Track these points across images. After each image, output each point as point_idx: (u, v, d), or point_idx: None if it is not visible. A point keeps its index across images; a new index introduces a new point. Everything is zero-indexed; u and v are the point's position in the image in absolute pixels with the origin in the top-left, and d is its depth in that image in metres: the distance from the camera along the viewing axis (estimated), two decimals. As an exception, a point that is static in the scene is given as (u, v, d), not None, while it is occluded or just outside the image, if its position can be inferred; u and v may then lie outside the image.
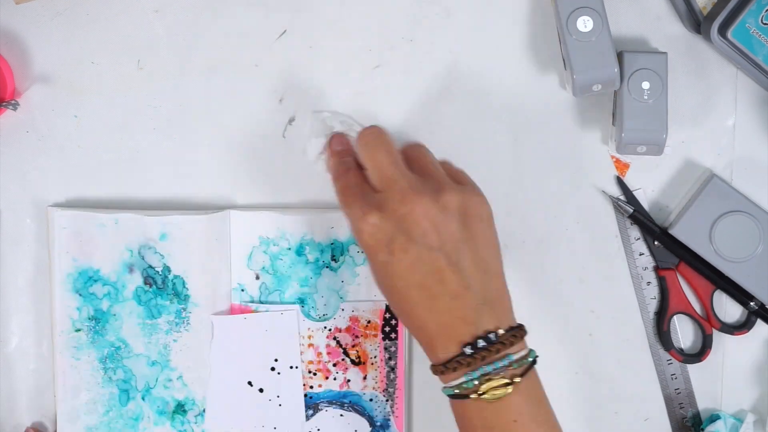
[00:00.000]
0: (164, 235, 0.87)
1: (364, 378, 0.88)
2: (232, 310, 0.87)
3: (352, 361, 0.88)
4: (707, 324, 0.88)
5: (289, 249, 0.87)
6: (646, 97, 0.82)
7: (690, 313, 0.88)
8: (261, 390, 0.87)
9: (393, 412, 0.88)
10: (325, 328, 0.88)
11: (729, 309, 0.89)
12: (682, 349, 0.89)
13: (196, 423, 0.88)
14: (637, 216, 0.87)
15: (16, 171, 0.88)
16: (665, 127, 0.82)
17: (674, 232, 0.85)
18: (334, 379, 0.88)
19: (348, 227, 0.80)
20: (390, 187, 0.73)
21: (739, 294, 0.86)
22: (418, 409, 0.89)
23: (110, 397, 0.88)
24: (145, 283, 0.88)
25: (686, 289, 0.88)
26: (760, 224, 0.84)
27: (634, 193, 0.88)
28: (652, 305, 0.89)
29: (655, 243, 0.87)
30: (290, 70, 0.88)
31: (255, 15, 0.87)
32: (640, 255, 0.88)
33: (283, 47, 0.88)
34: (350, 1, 0.87)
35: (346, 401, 0.89)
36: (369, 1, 0.87)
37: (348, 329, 0.88)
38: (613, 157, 0.87)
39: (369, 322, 0.88)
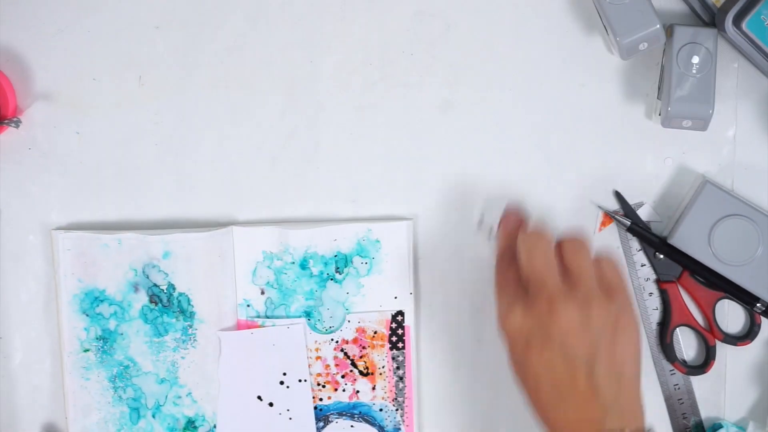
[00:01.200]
0: (167, 253, 0.87)
1: (373, 388, 0.89)
2: (239, 326, 0.88)
3: (361, 372, 0.89)
4: (710, 335, 0.87)
5: (293, 263, 0.88)
6: (694, 71, 0.81)
7: (692, 325, 0.88)
8: (271, 404, 0.88)
9: (403, 421, 0.89)
10: (332, 340, 0.88)
11: (731, 320, 0.88)
12: (685, 361, 0.89)
13: (207, 438, 0.89)
14: (636, 228, 0.87)
15: (18, 187, 0.88)
16: (712, 103, 0.81)
17: (673, 241, 0.85)
18: (344, 390, 0.89)
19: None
20: (539, 291, 0.75)
21: (745, 296, 0.86)
22: (428, 417, 0.90)
23: (121, 415, 0.89)
24: (151, 302, 0.88)
25: (688, 301, 0.88)
26: (758, 226, 0.84)
27: (637, 206, 0.87)
28: (655, 316, 0.88)
29: (655, 255, 0.87)
30: (291, 84, 0.88)
31: (256, 30, 0.87)
32: (642, 266, 0.88)
33: (283, 61, 0.87)
34: (351, 15, 0.87)
35: (356, 412, 0.89)
36: (369, 16, 0.87)
37: (355, 340, 0.88)
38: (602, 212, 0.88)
39: (375, 332, 0.88)
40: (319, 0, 0.87)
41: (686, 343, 0.89)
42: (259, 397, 0.88)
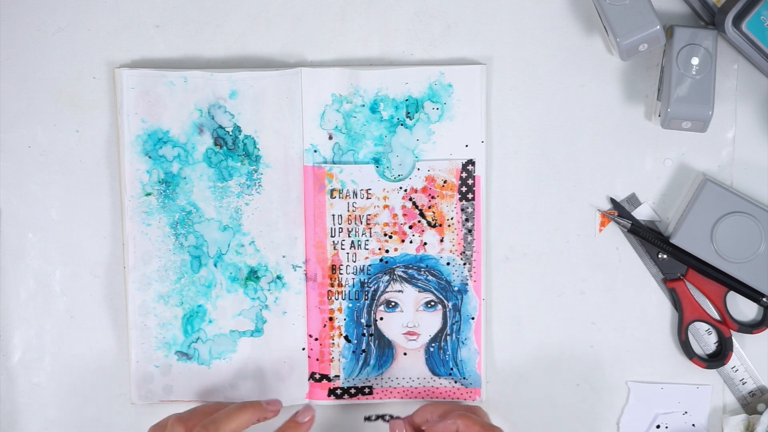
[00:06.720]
0: (234, 93, 0.85)
1: (441, 241, 0.86)
2: (305, 172, 0.85)
3: (429, 223, 0.86)
4: (724, 327, 0.87)
5: (363, 105, 0.85)
6: (694, 73, 0.81)
7: (706, 320, 0.87)
8: None
9: (471, 276, 0.86)
10: (400, 188, 0.86)
11: (744, 309, 0.88)
12: (703, 356, 0.88)
13: (269, 290, 0.86)
14: (637, 230, 0.86)
15: (17, 186, 0.87)
16: (712, 104, 0.81)
17: (676, 240, 0.85)
18: (411, 242, 0.86)
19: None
20: None
21: (750, 291, 0.85)
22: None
23: (182, 264, 0.86)
24: (216, 144, 0.85)
25: (698, 296, 0.87)
26: (759, 223, 0.83)
27: (640, 207, 0.87)
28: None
29: (659, 255, 0.86)
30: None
31: (256, 29, 0.86)
32: (643, 267, 0.87)
33: (283, 62, 0.86)
34: (350, 15, 0.86)
35: (423, 265, 0.86)
36: (369, 16, 0.86)
37: (424, 189, 0.86)
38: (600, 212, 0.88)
39: (445, 182, 0.86)
40: (319, 0, 0.86)
41: (702, 338, 0.88)
42: None
